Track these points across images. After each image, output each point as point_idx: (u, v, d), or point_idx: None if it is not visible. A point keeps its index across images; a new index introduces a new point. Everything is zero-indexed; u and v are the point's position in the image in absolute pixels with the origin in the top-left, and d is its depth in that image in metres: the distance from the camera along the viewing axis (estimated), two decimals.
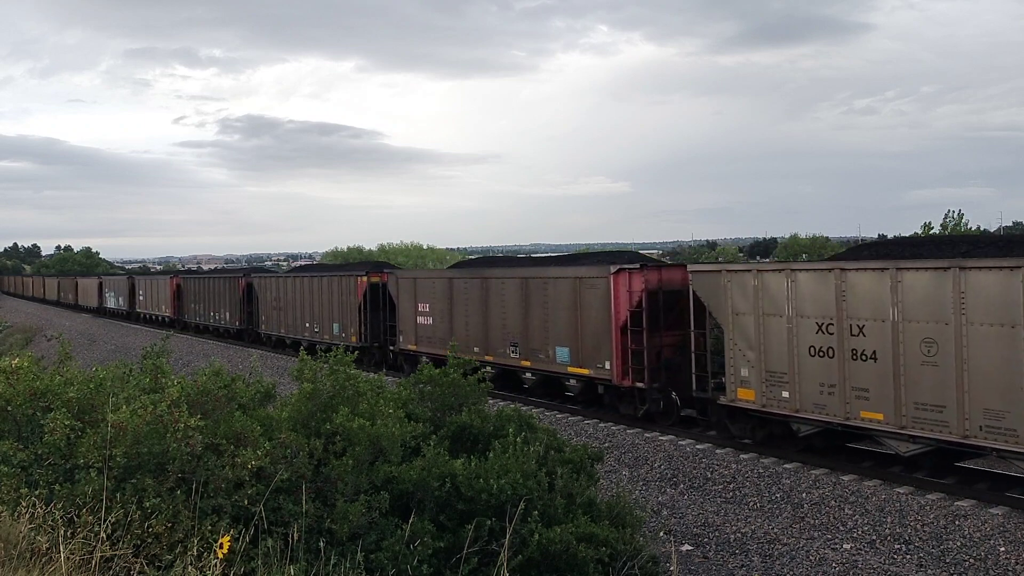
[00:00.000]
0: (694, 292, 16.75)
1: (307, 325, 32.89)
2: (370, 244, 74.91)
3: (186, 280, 49.83)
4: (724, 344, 16.04)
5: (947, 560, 10.98)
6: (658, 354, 18.06)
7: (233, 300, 41.34)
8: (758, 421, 15.78)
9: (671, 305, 18.02)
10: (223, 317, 42.64)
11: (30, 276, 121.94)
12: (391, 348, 28.07)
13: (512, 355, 21.92)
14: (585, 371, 19.46)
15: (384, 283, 28.58)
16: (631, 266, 18.56)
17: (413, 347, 26.20)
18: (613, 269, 18.49)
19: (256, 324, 38.95)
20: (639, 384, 18.18)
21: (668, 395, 18.06)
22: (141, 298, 56.54)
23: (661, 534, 12.49)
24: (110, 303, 64.34)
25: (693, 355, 17.03)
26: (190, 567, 5.48)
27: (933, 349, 12.64)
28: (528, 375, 21.62)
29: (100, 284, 68.44)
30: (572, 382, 20.07)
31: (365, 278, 29.02)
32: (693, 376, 17.03)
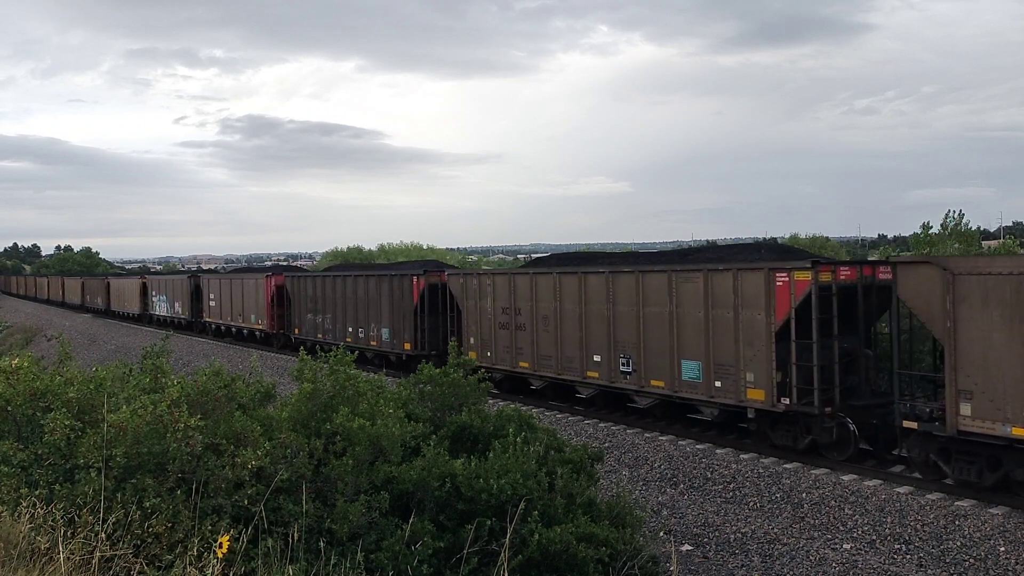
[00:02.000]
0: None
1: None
2: (370, 244, 74.91)
3: (297, 280, 34.67)
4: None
5: (947, 560, 10.98)
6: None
7: (391, 309, 27.60)
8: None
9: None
10: (373, 332, 28.47)
11: (44, 276, 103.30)
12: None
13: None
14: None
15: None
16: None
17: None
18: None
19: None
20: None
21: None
22: (213, 304, 43.13)
23: (661, 534, 12.49)
24: (160, 309, 51.66)
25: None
26: (190, 567, 5.47)
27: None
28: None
29: (144, 285, 55.04)
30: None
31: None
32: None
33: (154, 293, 52.99)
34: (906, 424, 13.20)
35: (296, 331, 33.85)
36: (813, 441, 15.01)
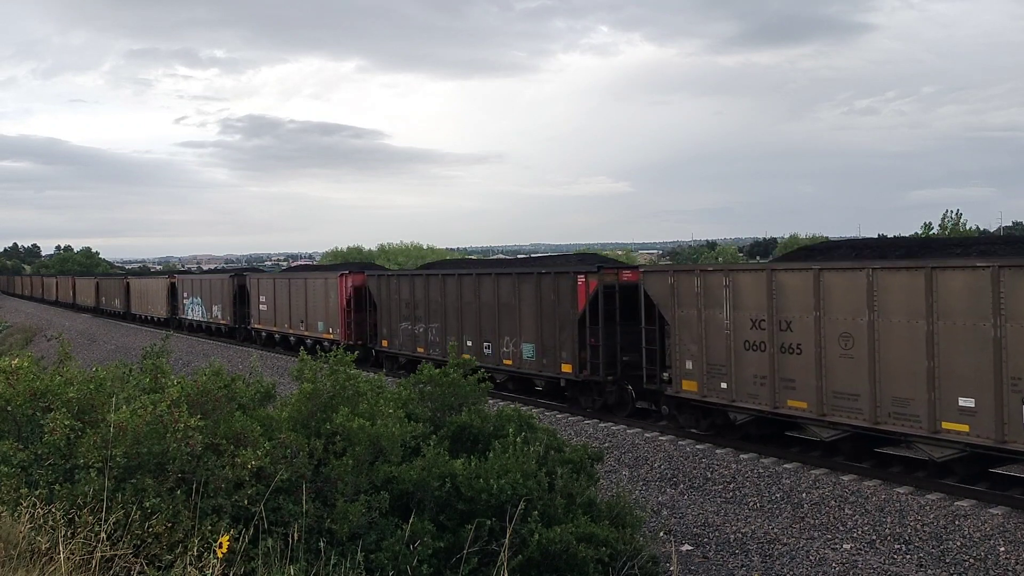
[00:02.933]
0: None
1: (467, 344, 22.76)
2: (370, 244, 74.88)
3: (385, 280, 28.01)
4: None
5: (947, 560, 10.98)
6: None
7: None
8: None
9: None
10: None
11: (51, 276, 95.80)
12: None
13: None
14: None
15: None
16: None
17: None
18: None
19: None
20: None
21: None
22: (263, 308, 36.02)
23: (661, 534, 12.49)
24: (193, 313, 45.18)
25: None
26: (190, 567, 5.48)
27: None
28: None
29: (172, 287, 48.17)
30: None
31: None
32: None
33: (185, 295, 46.18)
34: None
35: (384, 343, 27.22)
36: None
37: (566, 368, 19.60)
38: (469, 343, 22.78)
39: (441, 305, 24.10)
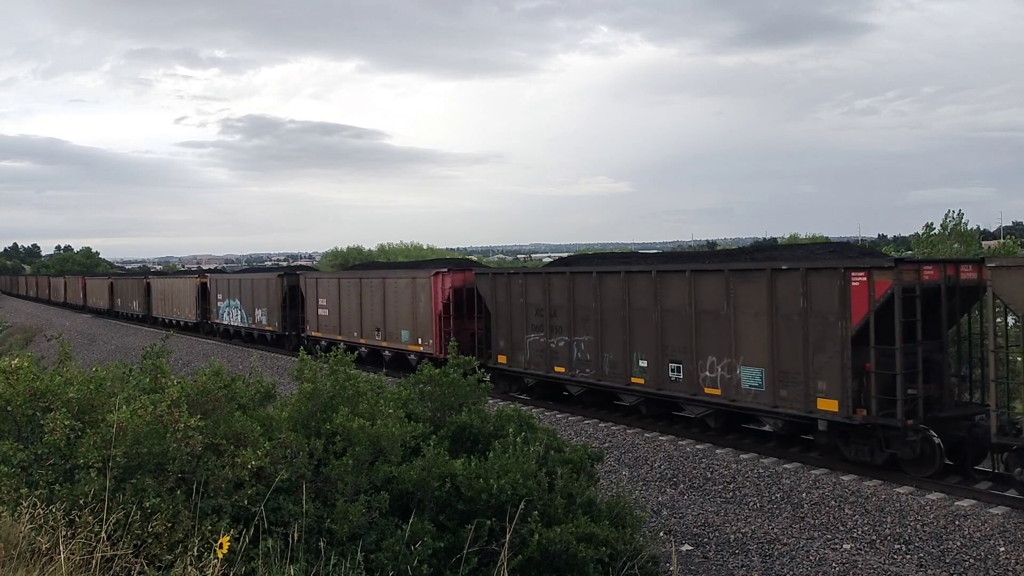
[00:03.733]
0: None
1: (641, 364, 17.97)
2: (370, 244, 74.76)
3: (501, 279, 22.54)
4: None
5: (947, 560, 10.98)
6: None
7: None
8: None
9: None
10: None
11: (59, 276, 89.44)
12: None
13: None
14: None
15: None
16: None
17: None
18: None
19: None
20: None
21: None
22: (324, 313, 31.21)
23: (661, 534, 12.49)
24: (229, 318, 40.38)
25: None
26: (190, 567, 5.48)
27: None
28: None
29: (203, 287, 43.71)
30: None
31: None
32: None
33: (219, 297, 41.05)
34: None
35: (501, 359, 21.87)
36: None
37: (828, 405, 14.12)
38: (643, 362, 17.87)
39: (596, 312, 18.91)
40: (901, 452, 13.48)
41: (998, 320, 13.06)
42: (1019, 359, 12.27)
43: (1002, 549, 10.93)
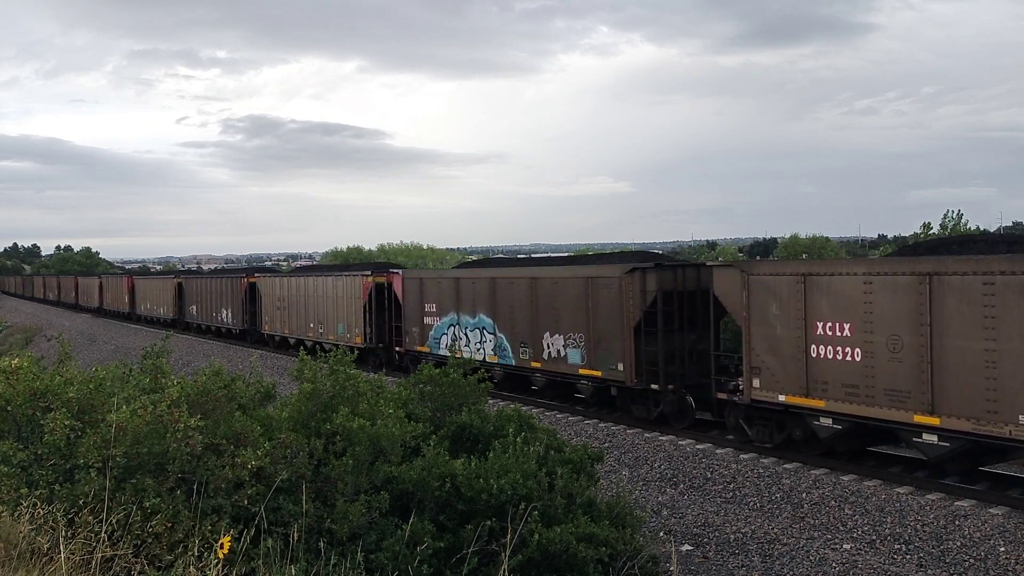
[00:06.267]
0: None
1: None
2: (370, 244, 74.76)
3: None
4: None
5: (947, 560, 10.98)
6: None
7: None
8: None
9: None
10: None
11: (68, 276, 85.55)
12: None
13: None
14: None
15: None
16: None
17: None
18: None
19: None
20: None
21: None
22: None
23: (661, 534, 12.49)
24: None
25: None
26: (191, 567, 5.48)
27: None
28: None
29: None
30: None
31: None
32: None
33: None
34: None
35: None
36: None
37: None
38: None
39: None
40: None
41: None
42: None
43: (1002, 549, 10.93)
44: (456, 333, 23.87)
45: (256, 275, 40.36)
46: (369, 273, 29.99)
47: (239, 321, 41.31)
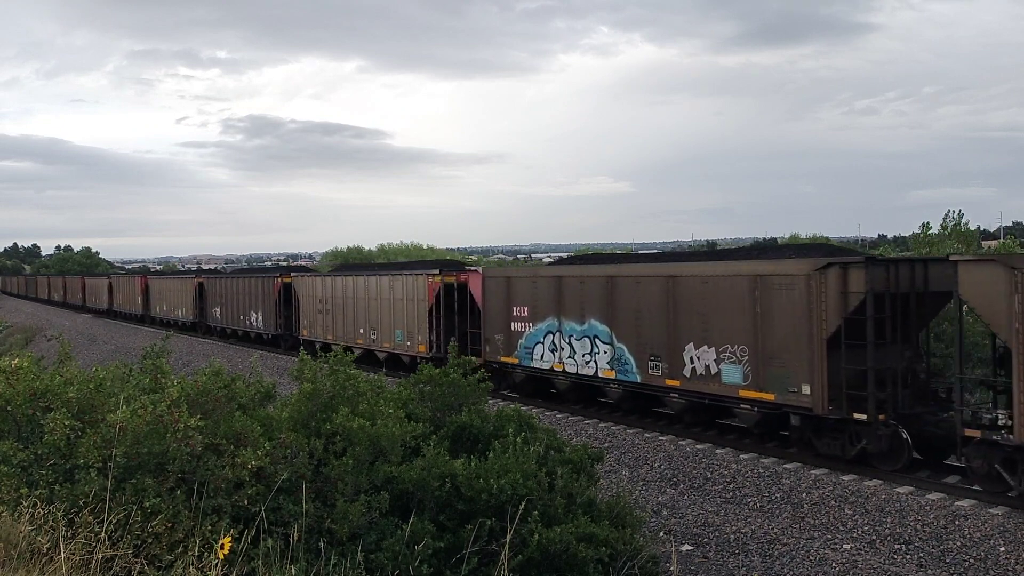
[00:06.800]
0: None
1: None
2: (370, 244, 74.69)
3: None
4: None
5: (947, 560, 10.98)
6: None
7: None
8: None
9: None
10: None
11: (76, 276, 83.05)
12: None
13: None
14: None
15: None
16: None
17: None
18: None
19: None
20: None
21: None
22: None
23: (661, 534, 12.49)
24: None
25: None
26: (191, 567, 5.48)
27: None
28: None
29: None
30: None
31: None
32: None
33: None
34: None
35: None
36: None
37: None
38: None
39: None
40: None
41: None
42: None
43: (1002, 549, 10.93)
44: (557, 342, 20.09)
45: (292, 275, 36.09)
46: (437, 272, 25.40)
47: (271, 325, 37.01)
